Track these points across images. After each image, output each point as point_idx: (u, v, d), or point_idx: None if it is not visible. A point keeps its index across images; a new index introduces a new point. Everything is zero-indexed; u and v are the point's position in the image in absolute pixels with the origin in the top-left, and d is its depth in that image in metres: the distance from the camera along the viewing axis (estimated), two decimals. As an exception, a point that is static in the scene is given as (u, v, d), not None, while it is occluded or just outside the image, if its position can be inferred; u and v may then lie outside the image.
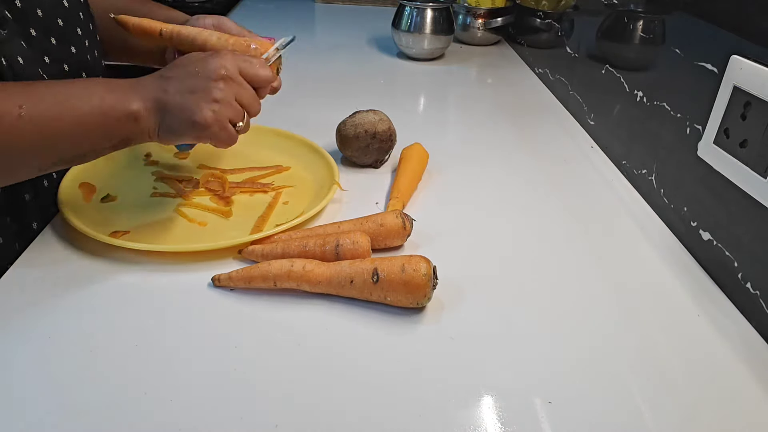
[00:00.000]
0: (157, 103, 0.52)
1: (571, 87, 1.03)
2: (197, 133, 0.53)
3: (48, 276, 0.55)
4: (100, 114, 0.50)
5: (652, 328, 0.53)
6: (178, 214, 0.65)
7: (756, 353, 0.51)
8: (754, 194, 0.53)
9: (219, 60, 0.53)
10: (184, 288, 0.55)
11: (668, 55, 0.70)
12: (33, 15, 0.61)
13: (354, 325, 0.51)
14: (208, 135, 0.53)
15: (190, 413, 0.42)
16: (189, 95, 0.52)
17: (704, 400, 0.46)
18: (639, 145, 0.77)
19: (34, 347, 0.47)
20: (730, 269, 0.57)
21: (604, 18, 0.91)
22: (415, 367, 0.47)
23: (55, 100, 0.49)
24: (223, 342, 0.49)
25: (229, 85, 0.53)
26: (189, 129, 0.52)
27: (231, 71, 0.53)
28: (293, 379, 0.46)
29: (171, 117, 0.52)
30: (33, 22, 0.61)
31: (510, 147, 0.89)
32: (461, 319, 0.53)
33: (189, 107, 0.51)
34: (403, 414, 0.43)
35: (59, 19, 0.64)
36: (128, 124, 0.51)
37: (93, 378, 0.45)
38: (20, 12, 0.59)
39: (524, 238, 0.66)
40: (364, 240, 0.56)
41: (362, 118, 0.75)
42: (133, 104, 0.51)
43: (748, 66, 0.54)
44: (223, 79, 0.52)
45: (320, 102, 1.01)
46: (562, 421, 0.43)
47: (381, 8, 1.76)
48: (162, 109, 0.52)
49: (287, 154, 0.78)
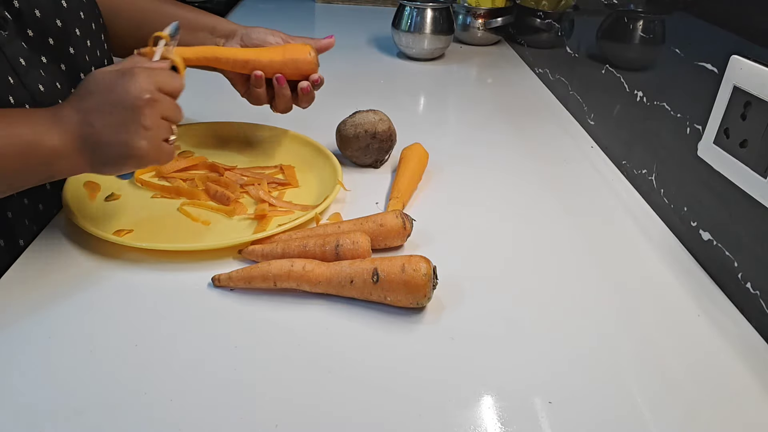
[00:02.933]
0: (83, 139, 0.49)
1: (571, 87, 1.03)
2: (136, 162, 0.51)
3: (50, 274, 0.55)
4: (20, 153, 0.48)
5: (652, 328, 0.53)
6: (182, 213, 0.65)
7: (756, 353, 0.51)
8: (754, 194, 0.53)
9: (137, 83, 0.50)
10: (185, 287, 0.55)
11: (668, 55, 0.70)
12: (31, 15, 0.61)
13: (354, 325, 0.51)
14: (147, 162, 0.52)
15: (190, 413, 0.42)
16: (119, 129, 0.49)
17: (704, 400, 0.46)
18: (639, 145, 0.77)
19: (35, 347, 0.47)
20: (730, 269, 0.57)
21: (604, 18, 0.91)
22: (415, 367, 0.47)
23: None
24: (224, 342, 0.49)
25: (154, 107, 0.51)
26: (127, 162, 0.51)
27: (152, 92, 0.50)
28: (293, 379, 0.46)
29: (105, 153, 0.50)
30: (31, 22, 0.61)
31: (510, 147, 0.89)
32: (461, 319, 0.53)
33: (123, 141, 0.49)
34: (403, 414, 0.43)
35: (57, 19, 0.64)
36: (52, 160, 0.49)
37: (93, 378, 0.45)
38: (18, 12, 0.59)
39: (524, 238, 0.66)
40: (364, 240, 0.56)
41: (362, 118, 0.75)
42: (56, 140, 0.49)
43: (748, 66, 0.54)
44: (147, 104, 0.50)
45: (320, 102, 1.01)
46: (562, 421, 0.43)
47: (381, 8, 1.76)
48: (91, 145, 0.49)
49: (290, 153, 0.78)
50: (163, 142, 0.52)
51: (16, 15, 0.59)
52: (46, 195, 0.64)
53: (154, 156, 0.51)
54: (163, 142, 0.52)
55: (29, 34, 0.60)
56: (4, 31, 0.57)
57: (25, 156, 0.48)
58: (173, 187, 0.69)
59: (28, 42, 0.60)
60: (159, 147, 0.51)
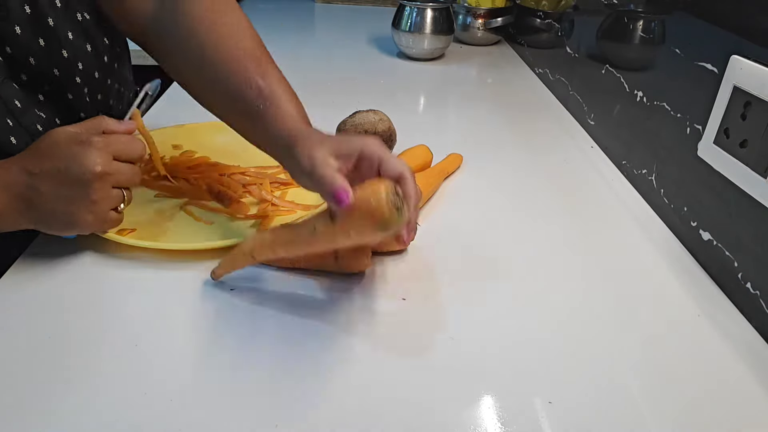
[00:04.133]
0: (28, 202, 0.49)
1: (571, 87, 1.04)
2: (78, 231, 0.53)
3: (50, 274, 0.55)
4: None
5: (652, 328, 0.53)
6: (185, 212, 0.65)
7: (756, 353, 0.51)
8: (754, 194, 0.53)
9: (91, 156, 0.49)
10: (186, 287, 0.55)
11: (668, 55, 0.70)
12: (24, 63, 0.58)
13: (355, 325, 0.51)
14: (90, 230, 0.53)
15: (190, 413, 0.42)
16: (66, 201, 0.50)
17: (704, 399, 0.46)
18: (639, 145, 0.77)
19: (35, 346, 0.47)
20: (730, 269, 0.57)
21: (604, 18, 0.91)
22: (415, 367, 0.47)
23: None
24: (224, 342, 0.49)
25: (105, 180, 0.50)
26: (70, 229, 0.52)
27: (105, 164, 0.50)
28: (293, 380, 0.45)
29: (47, 222, 0.51)
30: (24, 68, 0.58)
31: (510, 147, 0.89)
32: (461, 319, 0.53)
33: (68, 213, 0.50)
34: (403, 414, 0.43)
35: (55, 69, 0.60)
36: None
37: (93, 378, 0.45)
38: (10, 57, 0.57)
39: (524, 239, 0.66)
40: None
41: (362, 118, 0.75)
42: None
43: (748, 66, 0.54)
44: (98, 177, 0.49)
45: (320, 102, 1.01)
46: (562, 421, 0.43)
47: (381, 8, 1.76)
48: (35, 208, 0.50)
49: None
50: (111, 211, 0.53)
51: (8, 59, 0.57)
52: None
53: (98, 227, 0.53)
54: (111, 212, 0.53)
55: (23, 78, 0.59)
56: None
57: None
58: (176, 187, 0.69)
59: (21, 84, 0.58)
60: (104, 218, 0.53)
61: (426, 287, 0.57)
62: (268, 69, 0.56)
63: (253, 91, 0.54)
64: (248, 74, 0.54)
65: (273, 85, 0.55)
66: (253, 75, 0.54)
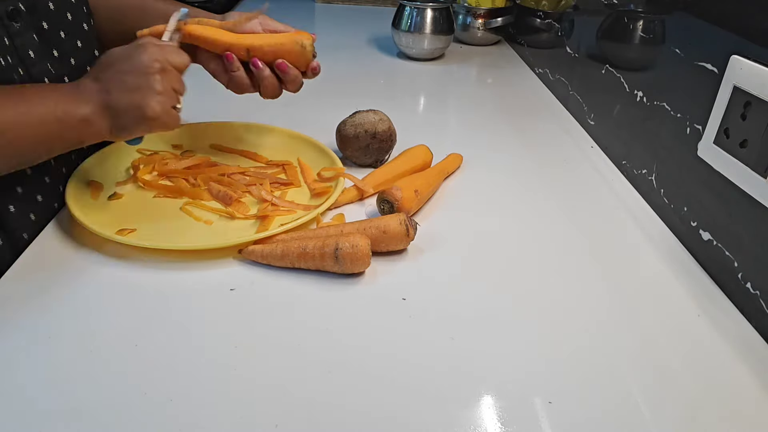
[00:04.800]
0: (104, 105, 0.54)
1: (571, 87, 1.04)
2: (149, 125, 0.55)
3: (51, 273, 0.55)
4: (56, 120, 0.52)
5: (652, 328, 0.53)
6: (184, 212, 0.65)
7: (756, 353, 0.51)
8: (754, 194, 0.53)
9: (149, 54, 0.55)
10: (186, 287, 0.55)
11: (668, 55, 0.70)
12: (45, 8, 0.62)
13: (355, 326, 0.51)
14: (158, 125, 0.56)
15: (190, 413, 0.42)
16: (134, 93, 0.54)
17: (704, 400, 0.46)
18: (639, 145, 0.77)
19: (35, 346, 0.47)
20: (730, 269, 0.57)
21: (604, 18, 0.91)
22: (416, 367, 0.47)
23: (12, 107, 0.51)
24: (224, 342, 0.49)
25: (165, 75, 0.56)
26: (141, 123, 0.55)
27: (163, 62, 0.56)
28: (293, 380, 0.46)
29: (122, 116, 0.54)
30: (45, 15, 0.62)
31: (510, 147, 0.89)
32: (462, 319, 0.53)
33: (138, 104, 0.54)
34: (404, 414, 0.43)
35: (68, 12, 0.65)
36: (82, 128, 0.54)
37: (93, 378, 0.45)
38: (33, 5, 0.60)
39: (524, 239, 0.66)
40: (363, 243, 0.56)
41: (362, 118, 0.75)
42: (84, 109, 0.53)
43: (748, 66, 0.54)
44: (159, 71, 0.55)
45: (320, 102, 1.01)
46: (562, 421, 0.43)
47: (381, 8, 1.76)
48: (111, 110, 0.54)
49: (292, 153, 0.78)
50: (172, 108, 0.56)
51: (30, 7, 0.60)
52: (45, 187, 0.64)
53: (164, 119, 0.56)
54: (172, 108, 0.56)
55: (44, 26, 0.62)
56: (16, 23, 0.58)
57: (61, 122, 0.53)
58: (176, 187, 0.69)
59: (41, 35, 0.61)
60: (168, 112, 0.56)
61: (426, 287, 0.57)
62: None
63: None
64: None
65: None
66: None
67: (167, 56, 0.57)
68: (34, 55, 0.60)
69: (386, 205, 0.65)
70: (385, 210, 0.65)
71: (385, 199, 0.65)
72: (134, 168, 0.72)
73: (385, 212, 0.65)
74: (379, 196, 0.66)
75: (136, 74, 0.55)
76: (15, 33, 0.58)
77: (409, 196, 0.65)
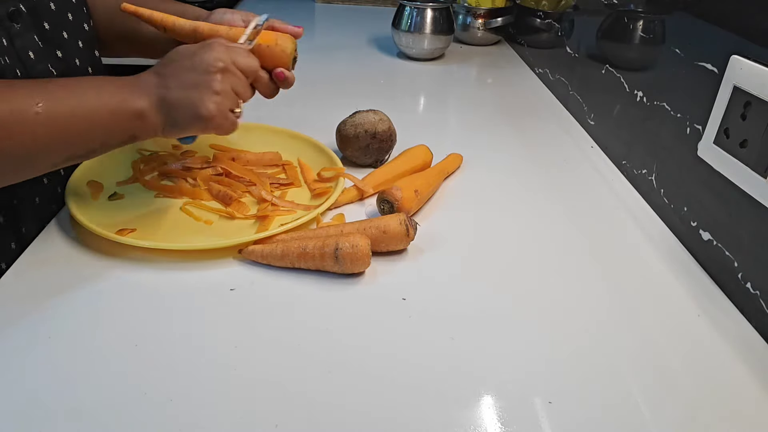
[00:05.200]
0: (160, 100, 0.53)
1: (571, 87, 1.04)
2: (203, 125, 0.54)
3: (51, 273, 0.55)
4: (110, 112, 0.51)
5: (652, 328, 0.53)
6: (184, 212, 0.65)
7: (756, 353, 0.51)
8: (754, 194, 0.53)
9: (214, 53, 0.54)
10: (186, 287, 0.55)
11: (668, 55, 0.70)
12: (46, 8, 0.62)
13: (356, 327, 0.51)
14: (212, 126, 0.54)
15: (190, 413, 0.42)
16: (191, 90, 0.53)
17: (704, 400, 0.46)
18: (639, 145, 0.77)
19: (35, 346, 0.47)
20: (730, 269, 0.57)
21: (604, 18, 0.91)
22: (416, 367, 0.47)
23: (69, 98, 0.50)
24: (224, 342, 0.49)
25: (226, 76, 0.54)
26: (194, 122, 0.54)
27: (227, 63, 0.54)
28: (293, 380, 0.46)
29: (176, 112, 0.53)
30: (46, 15, 0.61)
31: (510, 147, 0.89)
32: (462, 319, 0.53)
33: (193, 101, 0.53)
34: (404, 414, 0.43)
35: (69, 13, 0.65)
36: (136, 121, 0.53)
37: (93, 378, 0.45)
38: (34, 6, 0.60)
39: (524, 239, 0.66)
40: (363, 243, 0.56)
41: (362, 118, 0.75)
42: (140, 102, 0.52)
43: (748, 66, 0.54)
44: (221, 71, 0.54)
45: (320, 102, 1.01)
46: (562, 421, 0.43)
47: (381, 8, 1.76)
48: (166, 105, 0.53)
49: (292, 153, 0.78)
50: (230, 111, 0.55)
51: (31, 8, 0.60)
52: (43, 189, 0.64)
53: (219, 120, 0.54)
54: (229, 112, 0.55)
55: (45, 27, 0.61)
56: (16, 24, 0.58)
57: (115, 114, 0.52)
58: (176, 187, 0.69)
59: (42, 35, 0.61)
60: (225, 114, 0.54)
61: (426, 287, 0.57)
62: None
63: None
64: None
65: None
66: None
67: (233, 57, 0.55)
68: (34, 56, 0.60)
69: (386, 205, 0.65)
70: (385, 210, 0.65)
71: (385, 199, 0.65)
72: (134, 168, 0.72)
73: (385, 212, 0.65)
74: (379, 196, 0.66)
75: (197, 71, 0.53)
76: (15, 34, 0.58)
77: (409, 196, 0.65)
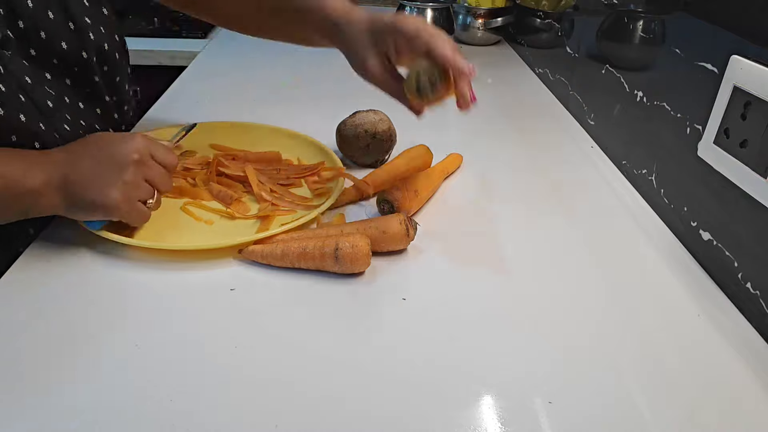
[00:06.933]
0: (63, 178, 0.53)
1: (571, 87, 1.04)
2: (106, 212, 0.54)
3: (51, 274, 0.55)
4: (3, 186, 0.51)
5: (652, 328, 0.53)
6: (184, 212, 0.65)
7: (756, 353, 0.51)
8: (754, 194, 0.53)
9: (132, 143, 0.55)
10: (186, 287, 0.55)
11: (668, 55, 0.70)
12: (36, 37, 0.60)
13: (354, 325, 0.51)
14: (118, 214, 0.55)
15: (190, 413, 0.42)
16: (99, 176, 0.53)
17: (704, 400, 0.46)
18: (639, 145, 0.77)
19: (36, 346, 0.47)
20: (730, 269, 0.57)
21: (604, 18, 0.91)
22: (415, 367, 0.47)
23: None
24: (224, 342, 0.49)
25: (139, 167, 0.55)
26: (97, 208, 0.54)
27: (143, 155, 0.55)
28: (293, 380, 0.46)
29: (78, 195, 0.53)
30: (35, 43, 0.60)
31: (510, 147, 0.89)
32: (462, 318, 0.53)
33: (98, 188, 0.53)
34: (404, 414, 0.43)
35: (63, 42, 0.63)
36: (29, 198, 0.52)
37: (93, 378, 0.45)
38: (23, 32, 0.59)
39: (524, 239, 0.66)
40: (363, 243, 0.56)
41: (362, 118, 0.75)
42: (36, 180, 0.52)
43: (748, 66, 0.54)
44: (134, 163, 0.54)
45: (320, 102, 1.01)
46: (562, 421, 0.43)
47: (381, 8, 1.76)
48: (69, 185, 0.53)
49: (292, 153, 0.78)
50: (139, 202, 0.55)
51: (20, 35, 0.59)
52: None
53: (124, 210, 0.55)
54: (139, 202, 0.55)
55: (31, 54, 0.60)
56: (7, 51, 0.57)
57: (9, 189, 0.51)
58: (176, 187, 0.69)
59: (29, 60, 0.60)
60: (132, 204, 0.55)
61: (426, 287, 0.57)
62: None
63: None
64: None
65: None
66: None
67: (153, 151, 0.56)
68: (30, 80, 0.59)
69: (386, 205, 0.65)
70: (385, 210, 0.65)
71: (385, 199, 0.65)
72: None
73: (385, 212, 0.65)
74: (379, 196, 0.66)
75: (109, 160, 0.54)
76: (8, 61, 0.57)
77: (409, 196, 0.65)
